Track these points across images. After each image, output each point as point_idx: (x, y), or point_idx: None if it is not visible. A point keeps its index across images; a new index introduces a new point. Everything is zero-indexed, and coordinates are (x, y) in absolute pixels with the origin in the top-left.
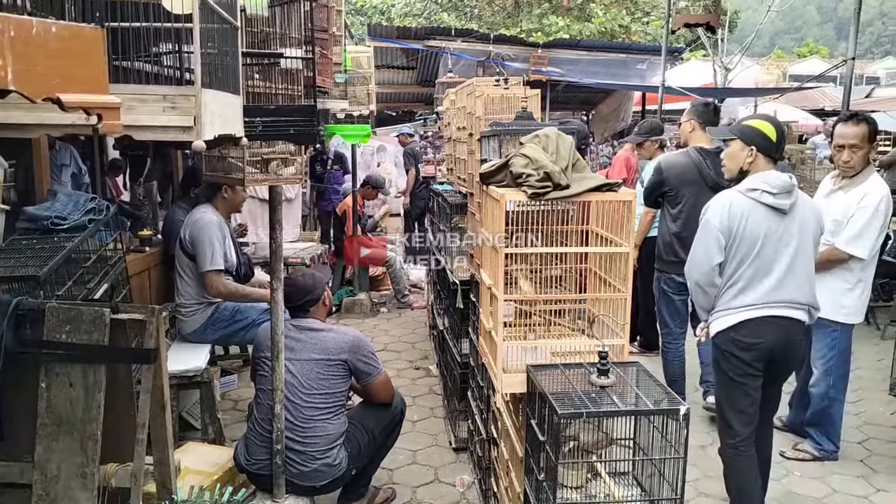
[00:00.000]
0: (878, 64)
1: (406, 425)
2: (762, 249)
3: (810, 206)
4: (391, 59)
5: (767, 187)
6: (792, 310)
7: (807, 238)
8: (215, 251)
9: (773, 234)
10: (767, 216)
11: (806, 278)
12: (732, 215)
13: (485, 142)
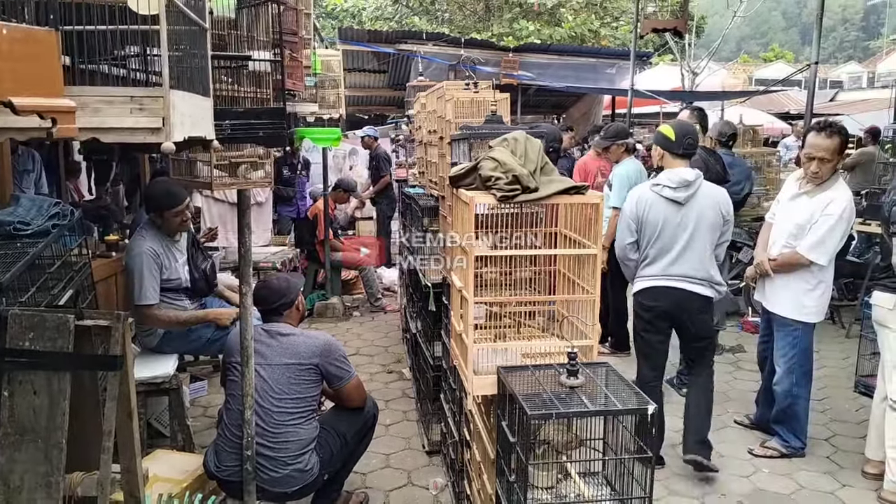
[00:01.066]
0: (842, 68)
1: (379, 429)
2: (662, 232)
3: (711, 199)
4: (362, 62)
5: (668, 182)
6: (685, 282)
7: (702, 224)
8: (144, 285)
9: (672, 220)
10: (667, 206)
11: (699, 258)
12: (639, 205)
13: (455, 145)
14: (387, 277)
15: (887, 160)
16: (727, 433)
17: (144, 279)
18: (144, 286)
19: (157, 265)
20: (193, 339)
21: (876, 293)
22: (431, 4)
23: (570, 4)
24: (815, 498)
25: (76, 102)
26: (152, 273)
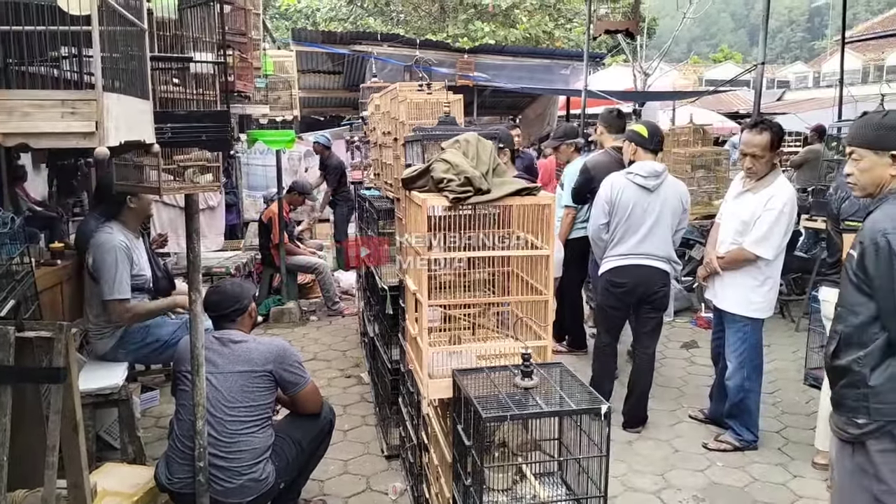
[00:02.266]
0: (789, 68)
1: (337, 434)
2: (631, 215)
3: (674, 189)
4: (317, 63)
5: (640, 171)
6: (650, 259)
7: (666, 210)
8: (119, 278)
9: (640, 204)
10: (637, 192)
11: (662, 239)
12: (613, 190)
13: (409, 147)
14: (344, 281)
15: (833, 158)
16: (682, 428)
17: (119, 272)
18: (120, 279)
19: (128, 258)
20: (150, 342)
21: (824, 289)
22: (386, 6)
23: (524, 6)
24: (768, 489)
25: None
26: (126, 266)
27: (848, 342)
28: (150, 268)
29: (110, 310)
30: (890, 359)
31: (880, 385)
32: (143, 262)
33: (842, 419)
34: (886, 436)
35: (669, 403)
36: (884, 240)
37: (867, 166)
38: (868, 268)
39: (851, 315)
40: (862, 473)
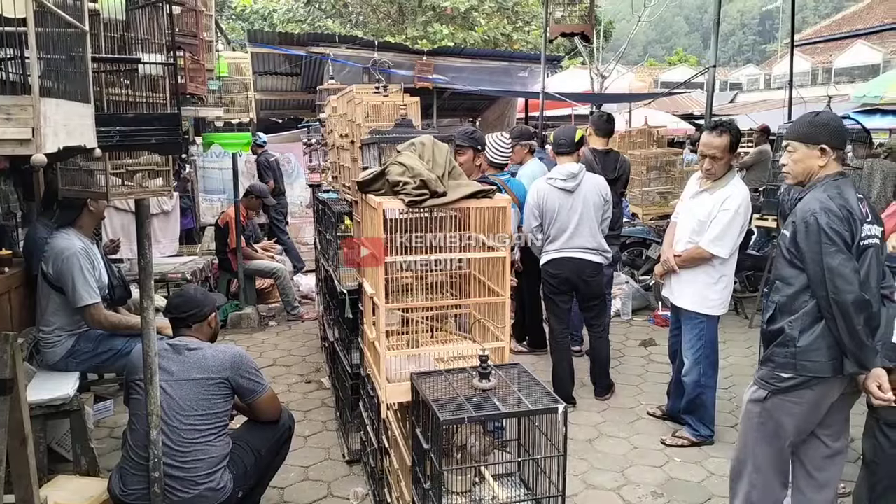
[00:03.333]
0: (741, 71)
1: (297, 441)
2: (558, 215)
3: (593, 185)
4: (274, 65)
5: (558, 175)
6: (581, 252)
7: (589, 206)
8: (88, 283)
9: (564, 206)
10: (560, 194)
11: (590, 232)
12: (538, 195)
13: (365, 149)
14: (304, 285)
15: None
16: (641, 425)
17: (86, 276)
18: (88, 284)
19: (89, 262)
20: (102, 352)
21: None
22: (344, 7)
23: (482, 9)
24: (724, 483)
25: None
26: (89, 271)
27: (782, 309)
28: (107, 274)
29: (86, 317)
30: (817, 323)
31: (807, 345)
32: (102, 269)
33: (768, 373)
34: (806, 389)
35: (628, 401)
36: (812, 219)
37: (799, 157)
38: (800, 244)
39: (786, 286)
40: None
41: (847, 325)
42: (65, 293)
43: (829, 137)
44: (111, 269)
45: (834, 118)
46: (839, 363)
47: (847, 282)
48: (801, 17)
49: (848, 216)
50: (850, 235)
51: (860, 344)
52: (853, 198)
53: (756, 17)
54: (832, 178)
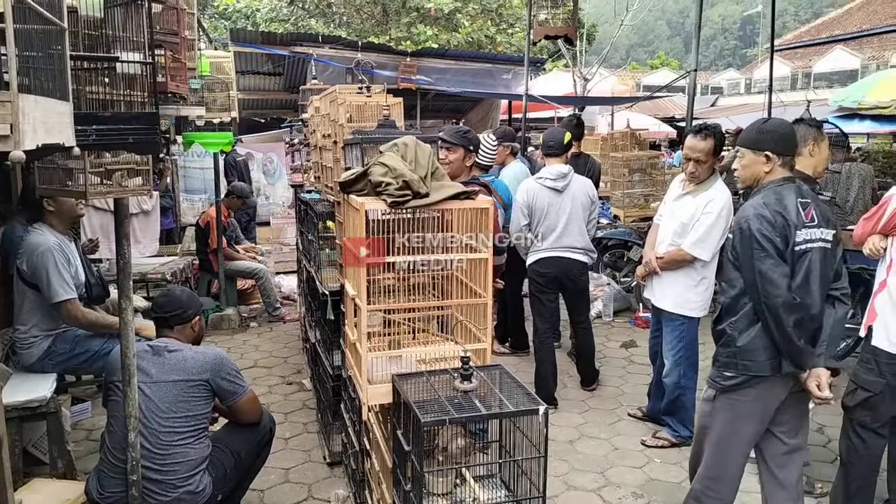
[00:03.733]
0: (722, 75)
1: (278, 443)
2: (548, 215)
3: (581, 186)
4: (256, 64)
5: (548, 175)
6: (569, 251)
7: (577, 206)
8: (63, 279)
9: (554, 205)
10: (549, 194)
11: (578, 232)
12: (528, 194)
13: (348, 150)
14: (286, 286)
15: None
16: (621, 426)
17: (61, 272)
18: (64, 279)
19: (64, 258)
20: (79, 353)
21: None
22: (328, 7)
23: (466, 10)
24: None
25: None
26: (64, 266)
27: (726, 311)
28: (85, 272)
29: (62, 313)
30: (754, 324)
31: (745, 345)
32: (78, 266)
33: (714, 373)
34: (748, 388)
35: (609, 402)
36: (746, 224)
37: (747, 163)
38: (737, 248)
39: (730, 288)
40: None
41: (778, 327)
42: (40, 290)
43: (775, 144)
44: (89, 267)
45: (782, 125)
46: (777, 363)
47: (775, 286)
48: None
49: (782, 223)
50: (781, 241)
51: (792, 344)
52: (792, 203)
53: (737, 22)
54: (776, 183)
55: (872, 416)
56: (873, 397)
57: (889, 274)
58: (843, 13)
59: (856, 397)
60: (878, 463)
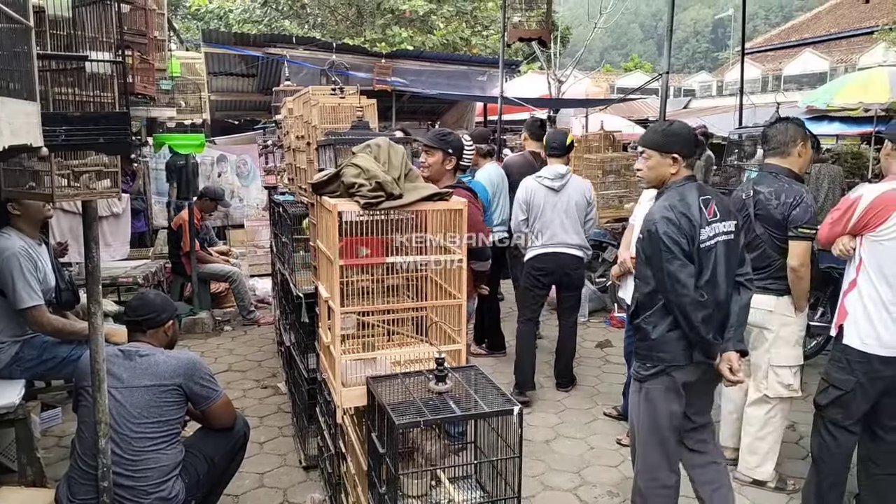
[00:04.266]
0: (694, 77)
1: (253, 447)
2: (544, 212)
3: (578, 186)
4: (229, 65)
5: (547, 174)
6: (564, 247)
7: (572, 205)
8: (30, 284)
9: (550, 202)
10: (547, 192)
11: (573, 230)
12: (527, 192)
13: (321, 151)
14: (260, 289)
15: (734, 163)
16: (597, 425)
17: (27, 277)
18: (30, 284)
19: (31, 263)
20: (47, 359)
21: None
22: (302, 9)
23: (441, 12)
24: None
25: None
26: (30, 272)
27: (642, 306)
28: (56, 277)
29: (29, 320)
30: (665, 319)
31: (660, 337)
32: (48, 271)
33: (636, 365)
34: (664, 376)
35: (585, 402)
36: (654, 227)
37: (654, 164)
38: (646, 249)
39: (644, 285)
40: (644, 403)
41: (687, 323)
42: (5, 295)
43: (681, 147)
44: (59, 272)
45: (685, 128)
46: (690, 352)
47: (683, 286)
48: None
49: (687, 224)
50: (687, 242)
51: (702, 338)
52: (695, 203)
53: (709, 26)
54: (678, 184)
55: (844, 414)
56: (845, 395)
57: (859, 273)
58: (812, 17)
59: (828, 395)
60: (849, 460)
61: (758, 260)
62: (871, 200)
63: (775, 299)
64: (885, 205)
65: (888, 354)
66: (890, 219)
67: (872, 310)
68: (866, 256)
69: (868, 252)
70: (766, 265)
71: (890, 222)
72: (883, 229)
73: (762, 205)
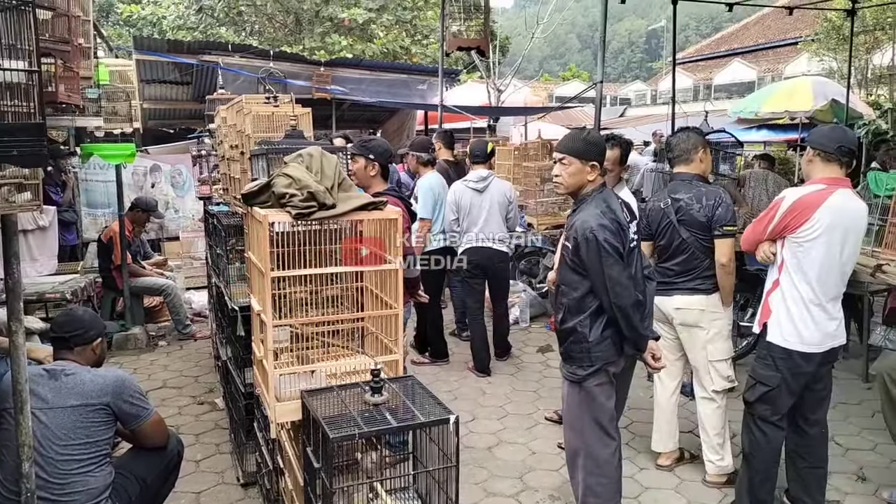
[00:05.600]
0: (630, 87)
1: (188, 465)
2: (471, 211)
3: (499, 187)
4: (163, 73)
5: (472, 178)
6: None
7: (495, 204)
8: None
9: (476, 203)
10: (472, 194)
11: (497, 226)
12: (456, 194)
13: (254, 161)
14: (196, 302)
15: (663, 170)
16: (538, 430)
17: None
18: None
19: None
20: None
21: (682, 297)
22: (238, 16)
23: (381, 21)
24: None
25: None
26: None
27: (571, 310)
28: None
29: None
30: (600, 321)
31: (596, 339)
32: None
33: (571, 367)
34: (602, 373)
35: (526, 407)
36: (592, 235)
37: (574, 171)
38: (582, 256)
39: (572, 290)
40: (585, 402)
41: (627, 323)
42: None
43: (599, 155)
44: None
45: (601, 138)
46: (620, 347)
47: (625, 288)
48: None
49: (619, 228)
50: (621, 245)
51: (639, 335)
52: (617, 206)
53: (643, 36)
54: (598, 191)
55: (772, 410)
56: (771, 391)
57: (781, 273)
58: (741, 28)
59: (755, 392)
60: (778, 454)
61: (686, 263)
62: (792, 202)
63: (705, 298)
64: (805, 207)
65: (808, 350)
66: (809, 220)
67: (794, 309)
68: (788, 257)
69: (790, 253)
70: (694, 267)
71: (809, 224)
72: (803, 230)
73: (684, 210)
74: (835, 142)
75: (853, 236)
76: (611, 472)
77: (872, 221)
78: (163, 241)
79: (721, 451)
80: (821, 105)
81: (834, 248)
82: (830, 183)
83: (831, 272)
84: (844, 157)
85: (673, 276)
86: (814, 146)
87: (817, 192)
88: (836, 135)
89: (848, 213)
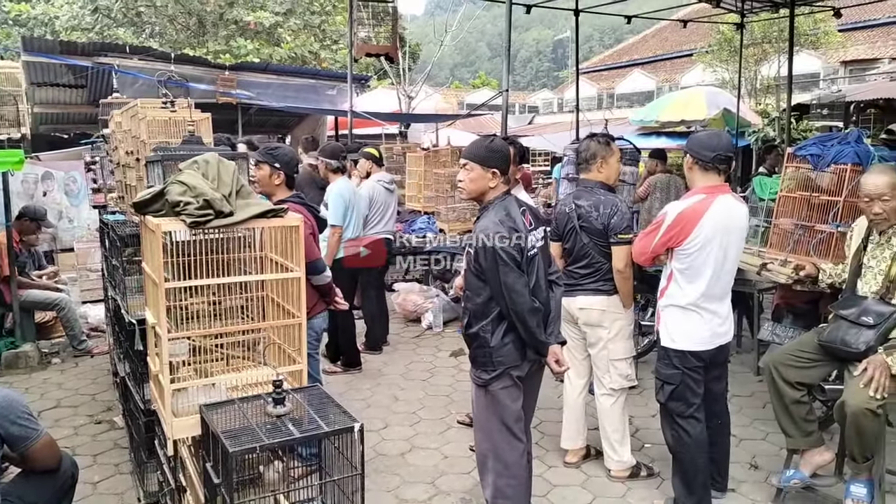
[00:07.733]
0: (537, 95)
1: (85, 488)
2: (382, 206)
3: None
4: (55, 76)
5: (384, 179)
6: (390, 235)
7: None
8: None
9: (387, 201)
10: (384, 192)
11: (392, 219)
12: (373, 191)
13: (150, 167)
14: (93, 316)
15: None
16: (451, 434)
17: None
18: None
19: None
20: None
21: (585, 297)
22: (137, 17)
23: (288, 25)
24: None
25: None
26: None
27: (475, 315)
28: None
29: None
30: (501, 326)
31: (498, 344)
32: None
33: (477, 371)
34: (506, 377)
35: (439, 412)
36: (489, 242)
37: (475, 177)
38: (481, 263)
39: (475, 296)
40: (492, 405)
41: (525, 329)
42: None
43: (501, 163)
44: None
45: (505, 146)
46: (523, 351)
47: (520, 295)
48: (588, 46)
49: (516, 236)
50: (519, 253)
51: (537, 339)
52: (518, 214)
53: (550, 46)
54: (500, 198)
55: (684, 405)
56: (677, 388)
57: (670, 282)
58: (640, 39)
59: (665, 392)
60: (704, 445)
61: (587, 266)
62: (673, 218)
63: (606, 299)
64: (686, 221)
65: (699, 349)
66: (693, 233)
67: (682, 314)
68: (676, 266)
69: (677, 262)
70: (595, 269)
71: (693, 236)
72: (688, 243)
73: (584, 217)
74: (711, 150)
75: (736, 237)
76: (519, 474)
77: (758, 223)
78: (56, 252)
79: (620, 447)
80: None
81: (718, 254)
82: (710, 192)
83: (718, 276)
84: (721, 165)
85: (579, 277)
86: (692, 154)
87: (699, 202)
88: (712, 143)
89: (729, 219)
